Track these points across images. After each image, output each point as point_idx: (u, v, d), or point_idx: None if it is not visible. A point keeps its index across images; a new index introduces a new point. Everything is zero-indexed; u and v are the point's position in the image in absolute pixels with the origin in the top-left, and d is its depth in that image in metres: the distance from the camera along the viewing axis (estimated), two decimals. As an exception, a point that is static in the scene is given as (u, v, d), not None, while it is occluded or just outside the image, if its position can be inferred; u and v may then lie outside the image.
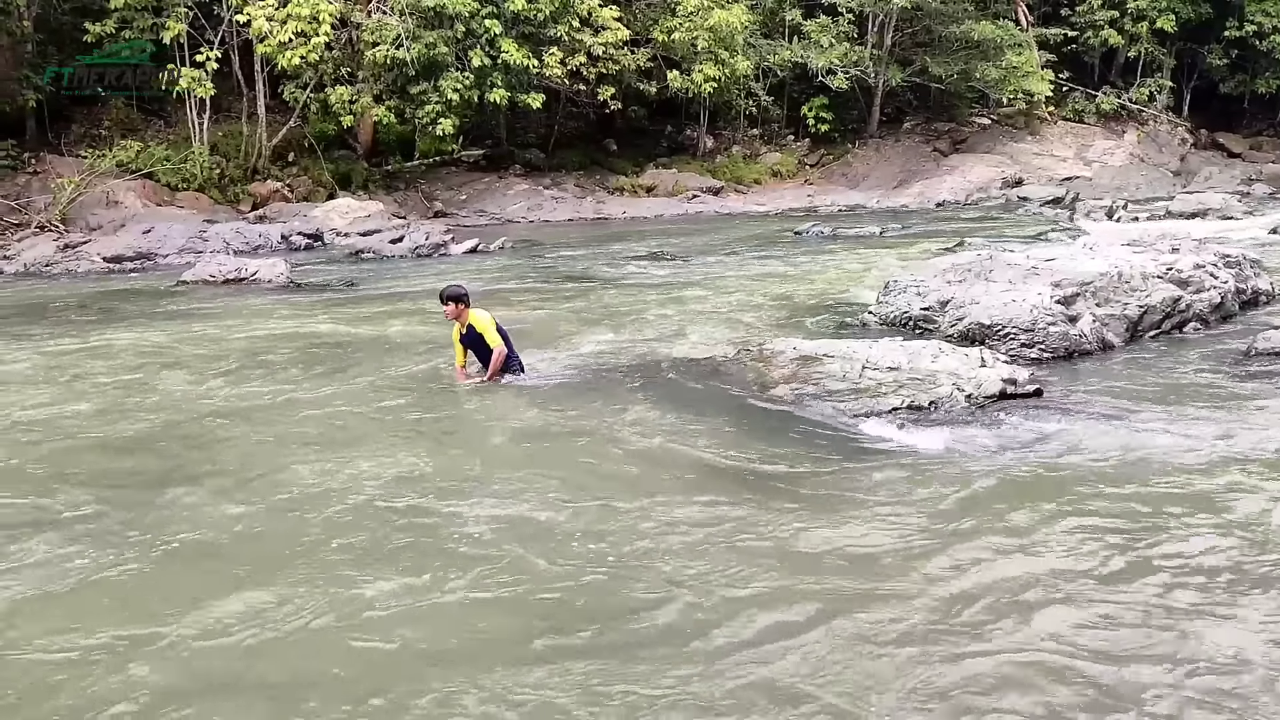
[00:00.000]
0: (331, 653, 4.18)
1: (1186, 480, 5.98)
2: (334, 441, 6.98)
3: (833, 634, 4.26)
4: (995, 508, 5.61)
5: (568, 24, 25.11)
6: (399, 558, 5.06)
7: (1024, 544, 5.13)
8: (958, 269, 10.98)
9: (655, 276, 15.21)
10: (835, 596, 4.60)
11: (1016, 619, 4.38)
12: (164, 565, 5.03)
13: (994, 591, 4.62)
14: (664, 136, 32.22)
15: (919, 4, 30.02)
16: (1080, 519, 5.43)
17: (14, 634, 4.33)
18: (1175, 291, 10.50)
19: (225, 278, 14.92)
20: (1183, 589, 4.63)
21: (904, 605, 4.50)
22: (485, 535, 5.33)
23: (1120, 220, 22.20)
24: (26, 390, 8.54)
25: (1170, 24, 34.68)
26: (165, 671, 4.03)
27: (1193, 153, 36.73)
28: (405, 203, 25.44)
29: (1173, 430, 7.03)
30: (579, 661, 4.07)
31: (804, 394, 7.88)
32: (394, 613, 4.49)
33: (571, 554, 5.09)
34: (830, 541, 5.22)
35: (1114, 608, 4.46)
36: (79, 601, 4.64)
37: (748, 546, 5.14)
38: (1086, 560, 4.93)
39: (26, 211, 20.84)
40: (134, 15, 22.33)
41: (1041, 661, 4.03)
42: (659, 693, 3.86)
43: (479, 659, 4.11)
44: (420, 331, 10.81)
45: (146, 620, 4.43)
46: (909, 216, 25.22)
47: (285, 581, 4.78)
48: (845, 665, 4.04)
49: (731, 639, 4.24)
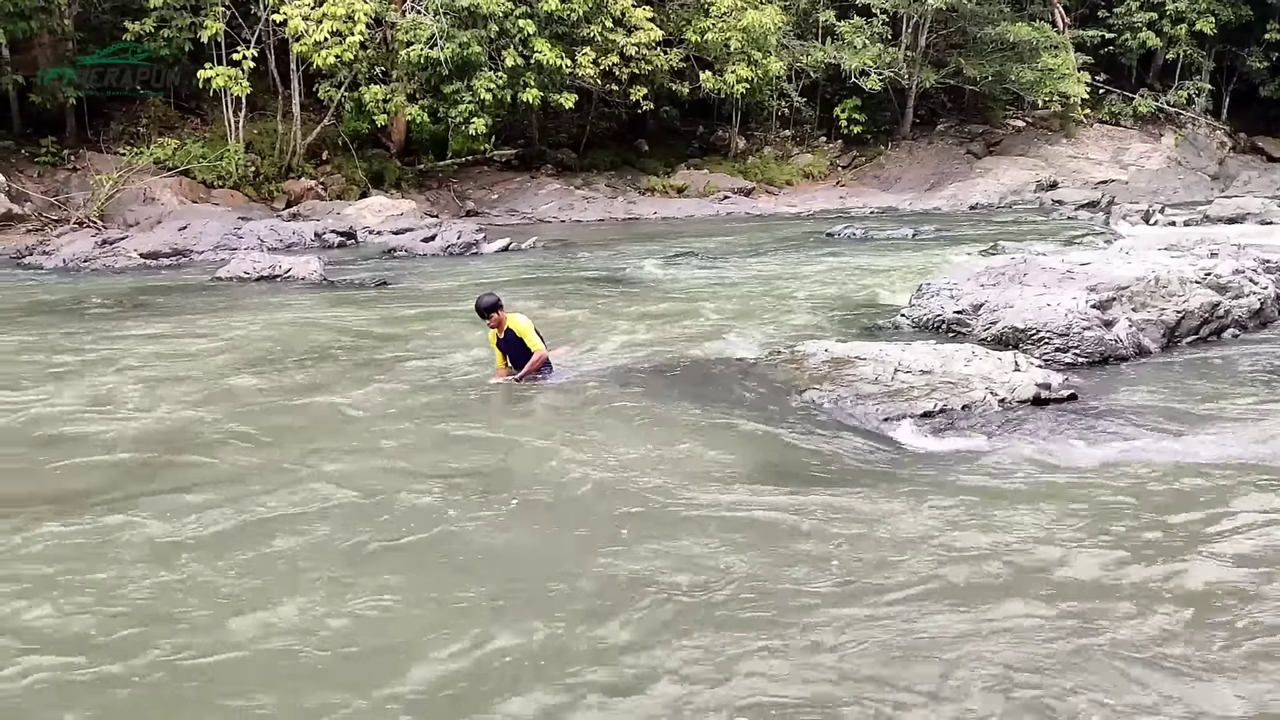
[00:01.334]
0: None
1: (1224, 491, 5.89)
2: (369, 439, 7.03)
3: (865, 635, 4.25)
4: (1026, 515, 5.54)
5: (601, 24, 25.18)
6: (426, 557, 5.09)
7: (1055, 553, 5.08)
8: (991, 272, 10.90)
9: (686, 277, 15.20)
10: (861, 597, 4.58)
11: (1049, 625, 4.34)
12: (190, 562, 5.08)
13: (1025, 597, 4.58)
14: (695, 137, 32.22)
15: (954, 5, 29.84)
16: (1114, 528, 5.36)
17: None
18: (1213, 297, 10.37)
19: (259, 274, 15.06)
20: (1221, 604, 4.57)
21: (933, 607, 4.47)
22: (513, 538, 5.35)
23: (1157, 224, 21.93)
24: (56, 384, 8.65)
25: (1209, 26, 34.27)
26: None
27: (1231, 156, 36.29)
28: (437, 201, 25.59)
29: (1209, 439, 6.93)
30: (602, 654, 4.08)
31: (835, 396, 7.85)
32: (410, 611, 4.52)
33: (596, 555, 5.10)
34: (856, 545, 5.19)
35: (1145, 622, 4.41)
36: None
37: (774, 551, 5.12)
38: (1115, 569, 4.87)
39: (66, 207, 21.18)
40: (172, 14, 22.60)
41: (1079, 666, 4.00)
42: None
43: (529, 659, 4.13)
44: (453, 330, 10.86)
45: (161, 621, 4.48)
46: (942, 219, 25.06)
47: (309, 585, 4.82)
48: (867, 671, 4.02)
49: (767, 636, 4.23)
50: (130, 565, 4.94)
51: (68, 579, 4.78)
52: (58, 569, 4.89)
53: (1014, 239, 19.03)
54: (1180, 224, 21.75)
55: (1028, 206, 28.16)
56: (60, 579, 4.79)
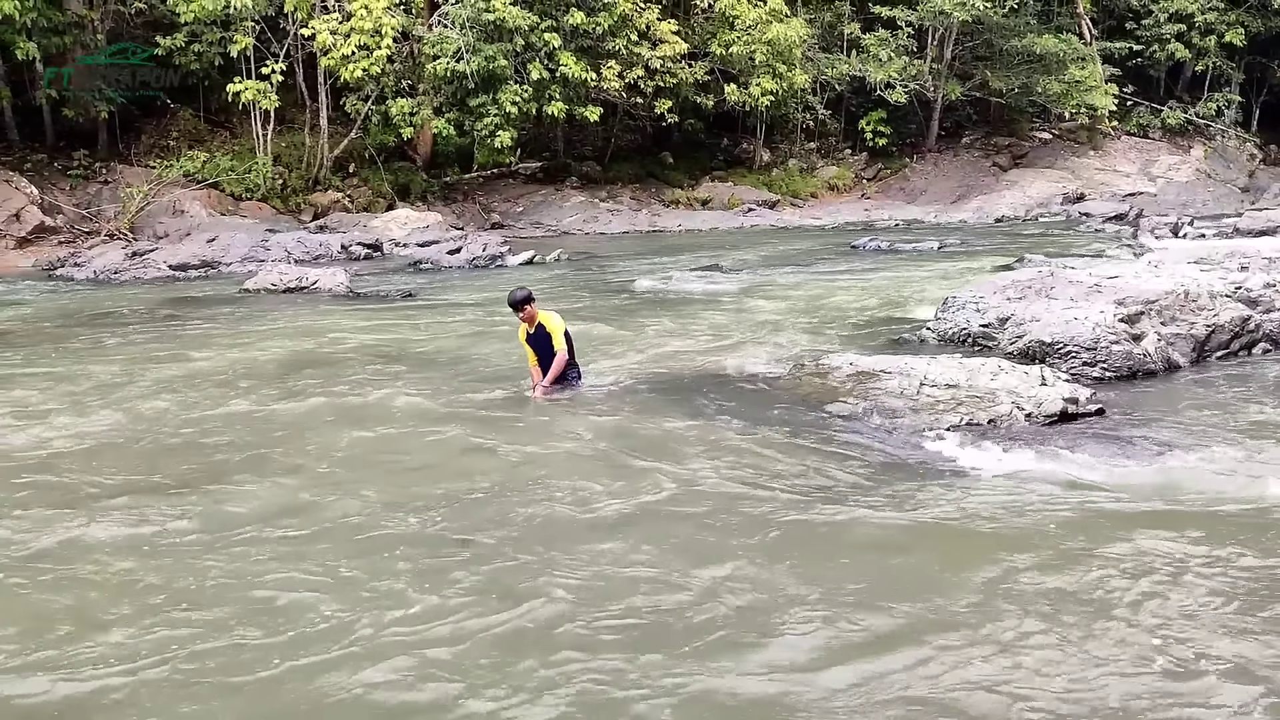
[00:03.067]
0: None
1: (1257, 512, 5.82)
2: (398, 452, 7.07)
3: (884, 652, 4.23)
4: (1051, 531, 5.50)
5: (626, 37, 25.27)
6: (456, 565, 5.11)
7: (1078, 571, 5.02)
8: (1018, 285, 10.84)
9: (711, 289, 15.20)
10: (881, 613, 4.55)
11: (1070, 645, 4.30)
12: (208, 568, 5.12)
13: (1044, 617, 4.54)
14: (720, 149, 32.24)
15: (980, 18, 29.72)
16: (1141, 546, 5.30)
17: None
18: (1244, 311, 10.26)
19: (286, 286, 15.18)
20: (1241, 627, 4.52)
21: (952, 626, 4.45)
22: (536, 546, 5.35)
23: (1186, 237, 21.75)
24: (75, 396, 8.75)
25: (1239, 38, 33.99)
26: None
27: (1262, 169, 35.94)
28: (463, 214, 25.72)
29: (1239, 456, 6.84)
30: (608, 660, 4.08)
31: (860, 410, 7.82)
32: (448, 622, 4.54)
33: (615, 562, 5.10)
34: (879, 559, 5.17)
35: (1160, 639, 4.36)
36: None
37: (792, 566, 5.10)
38: (1137, 589, 4.82)
39: (97, 220, 21.44)
40: (203, 29, 22.86)
41: (1090, 687, 3.96)
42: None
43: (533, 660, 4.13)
44: (480, 342, 10.91)
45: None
46: (967, 232, 24.94)
47: (342, 589, 4.85)
48: (880, 689, 4.00)
49: (789, 651, 4.22)
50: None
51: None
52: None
53: (1041, 251, 18.92)
54: (1210, 237, 21.55)
55: (1054, 219, 27.99)
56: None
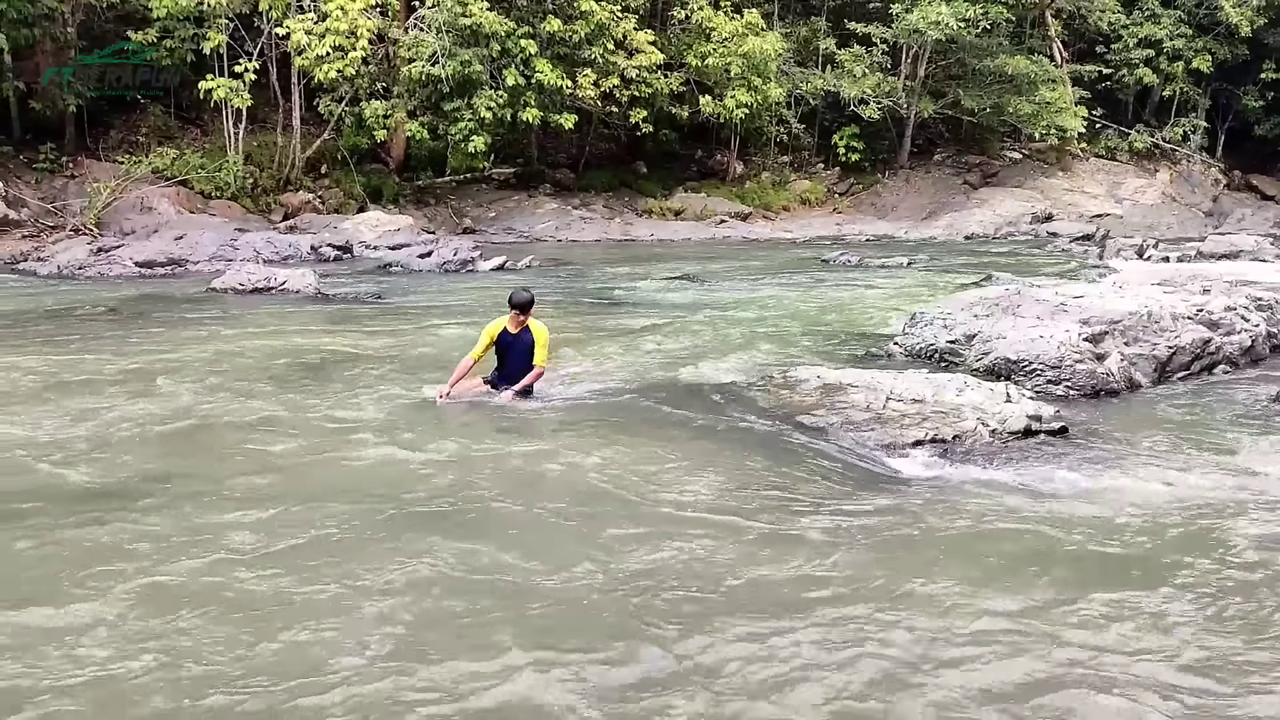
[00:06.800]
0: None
1: (1210, 526, 5.90)
2: (348, 457, 7.00)
3: (823, 663, 4.23)
4: (1009, 547, 5.55)
5: (602, 46, 25.31)
6: (409, 575, 5.07)
7: (1031, 586, 5.07)
8: (985, 303, 10.93)
9: (681, 300, 15.22)
10: (828, 626, 4.57)
11: (1012, 656, 4.33)
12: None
13: (990, 630, 4.57)
14: (694, 160, 32.32)
15: (953, 37, 30.01)
16: (1099, 563, 5.37)
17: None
18: (1205, 333, 10.41)
19: (254, 286, 15.04)
20: (1205, 641, 4.57)
21: (903, 637, 4.46)
22: (487, 559, 5.32)
23: (1151, 259, 22.05)
24: (33, 398, 8.61)
25: (1206, 64, 34.55)
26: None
27: (1225, 194, 36.51)
28: (435, 218, 25.62)
29: (1197, 474, 6.95)
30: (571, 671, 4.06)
31: (826, 423, 7.84)
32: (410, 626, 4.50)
33: (571, 576, 5.07)
34: (835, 572, 5.18)
35: (1119, 656, 4.40)
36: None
37: (750, 577, 5.10)
38: (1095, 606, 4.86)
39: (62, 214, 21.14)
40: (176, 25, 22.65)
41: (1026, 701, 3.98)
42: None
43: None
44: (445, 346, 10.84)
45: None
46: (937, 248, 25.13)
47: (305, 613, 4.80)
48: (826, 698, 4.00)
49: (736, 668, 4.22)
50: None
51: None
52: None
53: (1009, 270, 19.11)
54: (1174, 259, 21.86)
55: (1023, 238, 28.27)
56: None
